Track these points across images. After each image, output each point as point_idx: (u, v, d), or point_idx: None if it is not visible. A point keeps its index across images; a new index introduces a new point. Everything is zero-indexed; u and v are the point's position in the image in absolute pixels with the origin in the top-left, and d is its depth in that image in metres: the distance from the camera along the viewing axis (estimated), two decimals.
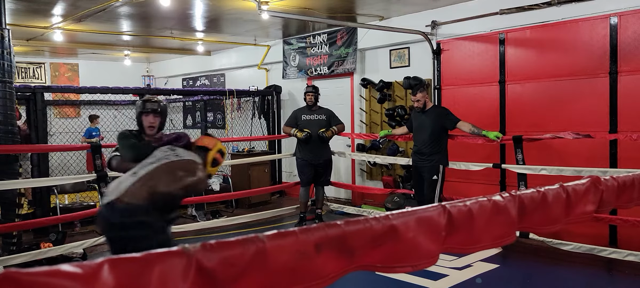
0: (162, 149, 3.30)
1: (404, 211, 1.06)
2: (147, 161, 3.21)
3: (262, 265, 0.82)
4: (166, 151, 3.28)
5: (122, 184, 3.06)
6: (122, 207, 2.98)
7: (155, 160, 3.19)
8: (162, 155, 3.24)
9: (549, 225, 1.34)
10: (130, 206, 2.98)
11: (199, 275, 0.76)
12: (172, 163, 3.20)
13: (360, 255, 0.96)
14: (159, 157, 3.22)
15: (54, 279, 0.68)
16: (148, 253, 0.74)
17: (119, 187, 3.06)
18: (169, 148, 3.32)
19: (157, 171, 3.13)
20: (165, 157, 3.22)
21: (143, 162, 3.20)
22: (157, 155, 3.25)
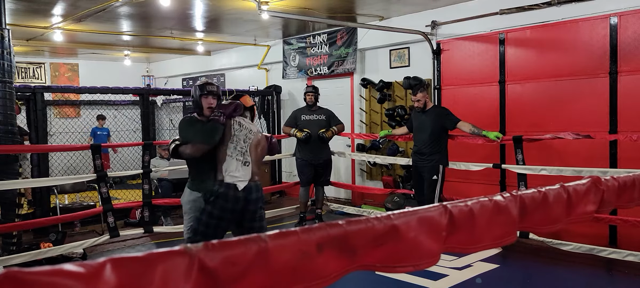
0: (234, 127, 3.76)
1: (405, 211, 1.06)
2: (236, 141, 3.73)
3: (264, 265, 0.82)
4: (239, 128, 3.78)
5: (239, 167, 3.68)
6: (259, 184, 3.76)
7: (243, 139, 3.76)
8: (241, 133, 3.77)
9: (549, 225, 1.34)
10: (260, 184, 3.79)
11: (201, 274, 0.76)
12: (258, 140, 3.86)
13: (361, 254, 0.96)
14: (241, 136, 3.76)
15: (57, 278, 0.68)
16: (150, 252, 0.75)
17: (237, 170, 3.66)
18: (237, 123, 3.79)
19: (258, 152, 3.83)
20: (245, 136, 3.78)
21: (230, 143, 3.71)
22: (238, 134, 3.75)
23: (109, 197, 6.04)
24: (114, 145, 9.66)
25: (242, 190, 3.61)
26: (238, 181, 3.62)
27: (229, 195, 3.59)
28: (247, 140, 3.76)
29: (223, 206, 3.61)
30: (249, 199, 3.65)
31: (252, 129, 3.85)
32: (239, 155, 3.68)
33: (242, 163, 3.67)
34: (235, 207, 3.63)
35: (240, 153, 3.69)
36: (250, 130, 3.83)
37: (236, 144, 3.70)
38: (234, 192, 3.60)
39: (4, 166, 5.45)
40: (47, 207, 6.98)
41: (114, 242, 6.26)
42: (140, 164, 6.57)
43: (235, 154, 3.67)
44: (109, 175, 6.28)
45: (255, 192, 3.70)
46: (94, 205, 7.33)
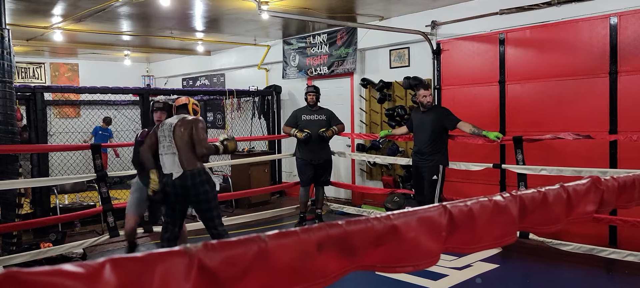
0: (159, 132, 4.71)
1: (405, 211, 1.06)
2: (162, 140, 4.65)
3: (264, 265, 0.82)
4: (161, 130, 4.69)
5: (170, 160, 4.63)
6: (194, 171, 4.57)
7: (168, 137, 4.62)
8: (164, 133, 4.61)
9: (549, 225, 1.34)
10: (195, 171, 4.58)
11: (201, 274, 0.76)
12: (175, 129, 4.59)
13: (361, 254, 0.96)
14: (165, 134, 4.60)
15: (57, 278, 0.68)
16: (150, 252, 0.75)
17: (170, 164, 4.60)
18: (161, 127, 4.74)
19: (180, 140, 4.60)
20: (167, 134, 4.61)
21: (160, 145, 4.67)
22: (162, 134, 4.64)
23: (109, 197, 6.04)
24: (114, 145, 9.68)
25: (178, 178, 4.45)
26: (173, 172, 4.47)
27: (167, 183, 4.49)
28: (169, 136, 4.51)
29: (167, 191, 4.53)
30: (185, 185, 4.45)
31: (172, 123, 4.57)
32: (167, 151, 4.51)
33: (171, 155, 4.49)
34: (176, 192, 4.48)
35: (168, 148, 4.51)
36: (170, 126, 4.55)
37: (162, 142, 4.56)
38: (170, 180, 4.48)
39: (4, 166, 5.45)
40: (47, 207, 6.98)
41: (114, 242, 6.26)
42: None
43: (164, 151, 4.54)
44: (109, 175, 6.28)
45: (190, 179, 4.45)
46: (94, 205, 7.33)
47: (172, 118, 4.65)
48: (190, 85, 12.72)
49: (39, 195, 6.89)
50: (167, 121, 4.64)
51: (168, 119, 4.67)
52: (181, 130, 4.50)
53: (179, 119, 4.57)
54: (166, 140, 4.52)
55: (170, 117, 4.70)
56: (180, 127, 4.51)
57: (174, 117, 4.66)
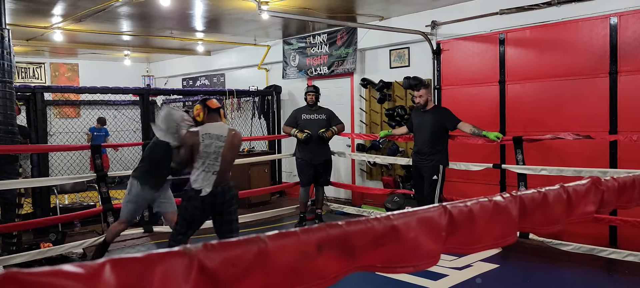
0: (203, 143, 4.25)
1: (405, 211, 1.06)
2: (205, 156, 4.28)
3: (263, 266, 0.82)
4: (209, 143, 4.26)
5: (205, 177, 4.26)
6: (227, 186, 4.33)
7: (214, 152, 4.26)
8: (211, 148, 4.28)
9: (549, 226, 1.34)
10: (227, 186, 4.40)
11: (201, 275, 0.76)
12: (230, 145, 4.32)
13: (361, 255, 0.96)
14: (211, 150, 4.24)
15: (56, 279, 0.68)
16: (150, 253, 0.75)
17: (204, 180, 4.23)
18: (207, 136, 4.27)
19: (229, 158, 4.36)
20: (216, 149, 4.27)
21: (199, 158, 4.32)
22: (207, 150, 4.24)
23: (109, 197, 6.04)
24: (114, 145, 9.66)
25: (208, 195, 4.14)
26: (203, 187, 4.13)
27: (196, 198, 4.16)
28: (217, 153, 4.13)
29: (194, 205, 4.20)
30: (214, 202, 4.19)
31: (221, 135, 4.18)
32: (207, 168, 4.13)
33: (211, 174, 4.14)
34: (204, 208, 4.19)
35: (209, 165, 4.14)
36: (220, 138, 4.17)
37: (205, 159, 4.13)
38: (199, 195, 4.14)
39: (4, 166, 5.45)
40: (47, 207, 6.98)
41: (114, 242, 6.25)
42: None
43: (203, 168, 4.14)
44: (109, 175, 6.28)
45: (221, 196, 4.21)
46: (94, 205, 7.33)
47: (218, 128, 4.22)
48: (190, 85, 12.72)
49: (39, 195, 6.89)
50: (211, 131, 4.18)
51: (210, 129, 4.19)
52: (232, 151, 4.26)
53: (229, 136, 4.21)
54: (210, 156, 4.14)
55: (209, 124, 4.23)
56: (230, 145, 4.23)
57: (218, 126, 4.23)
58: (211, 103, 4.29)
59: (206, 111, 4.26)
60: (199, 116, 4.28)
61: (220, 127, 4.21)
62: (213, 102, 4.30)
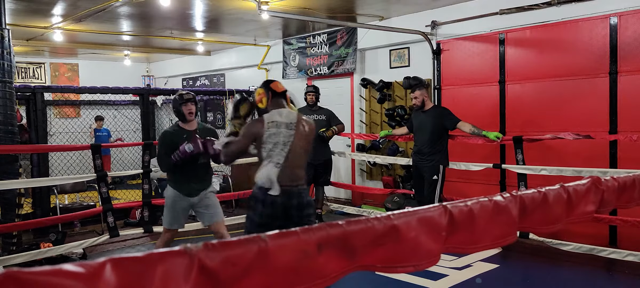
0: (268, 130, 3.46)
1: (405, 211, 1.06)
2: (272, 146, 3.43)
3: (264, 265, 0.82)
4: (275, 131, 3.46)
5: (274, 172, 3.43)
6: (301, 190, 3.56)
7: (282, 142, 3.44)
8: (279, 137, 3.46)
9: (549, 225, 1.34)
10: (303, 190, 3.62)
11: (201, 274, 0.76)
12: (303, 134, 3.56)
13: (361, 255, 0.96)
14: (279, 139, 3.44)
15: (57, 278, 0.68)
16: (150, 252, 0.75)
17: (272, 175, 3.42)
18: (273, 124, 3.47)
19: (301, 150, 3.56)
20: (284, 138, 3.46)
21: (263, 150, 3.48)
22: (274, 139, 3.45)
23: (109, 197, 6.04)
24: (114, 145, 9.67)
25: (281, 195, 3.36)
26: (273, 186, 3.35)
27: (266, 201, 3.39)
28: (286, 144, 3.40)
29: (262, 212, 3.42)
30: (288, 205, 3.40)
31: (290, 123, 3.43)
32: (275, 162, 3.38)
33: (279, 168, 3.39)
34: (275, 212, 3.39)
35: (277, 159, 3.39)
36: (289, 126, 3.42)
37: (271, 152, 3.39)
38: (269, 194, 3.36)
39: (4, 166, 5.45)
40: (47, 207, 6.98)
41: (114, 242, 6.25)
42: (140, 164, 6.57)
43: (270, 162, 3.39)
44: (109, 175, 6.28)
45: (297, 197, 3.45)
46: (94, 205, 7.33)
47: (286, 115, 3.48)
48: (191, 85, 12.72)
49: (39, 195, 6.89)
50: (278, 119, 3.43)
51: (277, 116, 3.45)
52: (304, 141, 3.53)
53: (300, 123, 3.50)
54: (277, 148, 3.41)
55: (275, 111, 3.47)
56: (302, 134, 3.50)
57: (286, 113, 3.49)
58: (276, 86, 3.58)
59: (270, 95, 3.54)
60: (262, 102, 3.56)
61: (288, 114, 3.47)
62: (278, 85, 3.59)
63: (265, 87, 3.58)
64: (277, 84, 3.61)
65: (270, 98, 3.53)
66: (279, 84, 3.62)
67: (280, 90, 3.57)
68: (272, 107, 3.50)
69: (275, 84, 3.60)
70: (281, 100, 3.54)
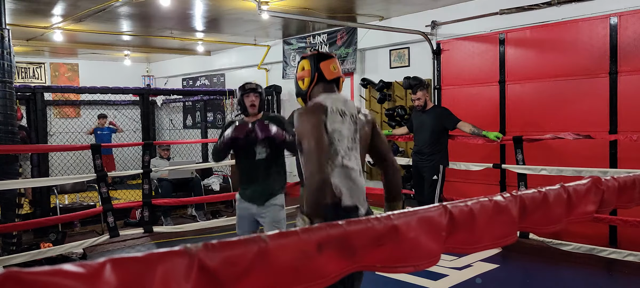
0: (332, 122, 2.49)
1: (405, 211, 1.06)
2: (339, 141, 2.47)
3: (264, 265, 0.82)
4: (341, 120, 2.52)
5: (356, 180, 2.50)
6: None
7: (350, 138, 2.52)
8: (346, 128, 2.52)
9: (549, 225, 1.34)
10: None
11: (201, 274, 0.76)
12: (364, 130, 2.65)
13: (361, 255, 0.97)
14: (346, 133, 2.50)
15: (57, 278, 0.68)
16: (150, 253, 0.75)
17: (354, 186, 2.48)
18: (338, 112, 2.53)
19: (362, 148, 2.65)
20: (352, 131, 2.54)
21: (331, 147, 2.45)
22: (341, 130, 2.49)
23: (109, 197, 6.04)
24: (114, 145, 9.65)
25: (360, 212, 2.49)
26: (357, 201, 2.46)
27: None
28: (356, 138, 2.52)
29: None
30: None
31: (352, 112, 2.54)
32: (347, 165, 2.45)
33: (357, 174, 2.50)
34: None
35: (348, 161, 2.46)
36: (353, 117, 2.53)
37: (338, 150, 2.43)
38: (352, 215, 2.38)
39: (4, 166, 5.45)
40: (47, 207, 6.98)
41: (114, 242, 6.25)
42: (140, 164, 6.57)
43: (340, 165, 2.44)
44: (109, 175, 6.28)
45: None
46: (94, 205, 7.33)
47: (343, 101, 2.54)
48: (190, 85, 12.73)
49: (39, 195, 6.89)
50: (338, 106, 2.50)
51: (336, 102, 2.51)
52: (366, 140, 2.62)
53: (359, 114, 2.59)
54: (343, 145, 2.47)
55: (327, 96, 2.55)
56: (364, 130, 2.61)
57: (342, 99, 2.56)
58: (327, 67, 2.59)
59: (316, 76, 2.60)
60: (304, 82, 2.64)
61: (345, 100, 2.56)
62: (331, 65, 2.61)
63: (311, 59, 2.62)
64: (330, 64, 2.60)
65: (315, 80, 2.59)
66: (333, 63, 2.62)
67: (332, 76, 2.60)
68: (322, 91, 2.58)
69: (328, 63, 2.60)
70: (333, 86, 2.62)
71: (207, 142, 10.08)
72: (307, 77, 2.62)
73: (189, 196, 7.80)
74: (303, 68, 2.64)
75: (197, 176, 8.18)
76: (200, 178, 8.43)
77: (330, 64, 2.61)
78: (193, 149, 10.83)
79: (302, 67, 2.65)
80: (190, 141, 11.06)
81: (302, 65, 2.66)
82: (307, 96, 2.64)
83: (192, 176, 8.00)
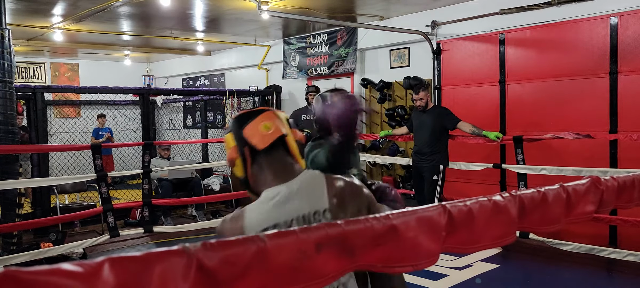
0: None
1: (404, 211, 1.06)
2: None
3: (262, 265, 0.82)
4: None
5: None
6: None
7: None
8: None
9: (549, 225, 1.34)
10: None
11: (200, 274, 0.76)
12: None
13: (360, 254, 0.96)
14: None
15: (55, 278, 0.68)
16: (149, 252, 0.75)
17: None
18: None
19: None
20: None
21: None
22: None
23: (109, 197, 6.04)
24: (114, 145, 9.67)
25: None
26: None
27: None
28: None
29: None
30: None
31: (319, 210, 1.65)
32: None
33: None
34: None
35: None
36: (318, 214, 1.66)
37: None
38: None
39: (4, 166, 5.45)
40: (47, 207, 6.99)
41: (114, 242, 6.26)
42: (140, 164, 6.57)
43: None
44: (109, 175, 6.28)
45: None
46: (94, 205, 7.33)
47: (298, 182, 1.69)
48: (191, 85, 12.73)
49: (39, 195, 6.89)
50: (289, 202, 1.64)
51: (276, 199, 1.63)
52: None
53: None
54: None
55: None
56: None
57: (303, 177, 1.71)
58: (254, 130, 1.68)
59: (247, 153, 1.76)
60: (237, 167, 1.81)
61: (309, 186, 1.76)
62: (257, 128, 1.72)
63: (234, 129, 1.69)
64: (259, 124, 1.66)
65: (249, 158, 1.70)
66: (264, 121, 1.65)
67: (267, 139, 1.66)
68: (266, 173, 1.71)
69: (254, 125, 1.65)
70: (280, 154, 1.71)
71: (207, 142, 10.09)
72: (236, 157, 1.66)
73: (189, 196, 7.80)
74: (228, 146, 1.70)
75: (197, 176, 8.18)
76: (200, 178, 8.43)
77: (258, 125, 1.62)
78: (193, 149, 10.83)
79: (227, 146, 1.70)
80: (190, 141, 11.06)
81: (227, 144, 1.70)
82: (250, 188, 1.71)
83: (192, 176, 8.00)
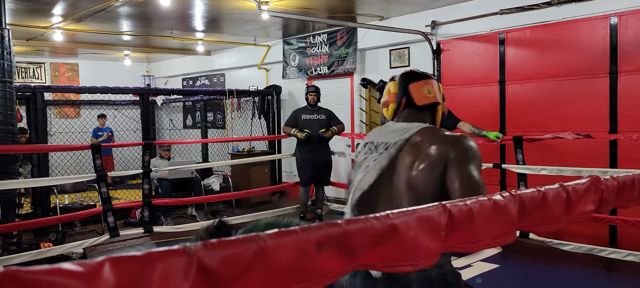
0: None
1: (404, 210, 1.06)
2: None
3: (263, 264, 0.82)
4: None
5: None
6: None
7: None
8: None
9: (549, 225, 1.34)
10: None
11: (200, 273, 0.76)
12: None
13: (361, 254, 0.96)
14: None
15: (55, 277, 0.68)
16: (149, 252, 0.74)
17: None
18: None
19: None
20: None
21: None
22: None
23: (109, 197, 6.04)
24: (114, 145, 9.67)
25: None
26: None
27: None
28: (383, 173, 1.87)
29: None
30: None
31: (390, 142, 1.89)
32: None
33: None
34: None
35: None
36: (389, 145, 1.88)
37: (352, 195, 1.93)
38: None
39: (4, 166, 5.45)
40: (47, 207, 6.99)
41: (114, 242, 6.26)
42: (140, 164, 6.57)
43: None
44: (109, 175, 6.28)
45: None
46: (94, 205, 7.33)
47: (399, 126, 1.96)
48: (190, 85, 12.73)
49: (39, 195, 6.89)
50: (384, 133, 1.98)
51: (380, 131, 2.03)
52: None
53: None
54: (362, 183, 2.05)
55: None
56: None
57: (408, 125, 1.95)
58: (418, 89, 2.01)
59: (403, 102, 2.02)
60: (388, 108, 2.09)
61: (400, 129, 1.94)
62: (422, 89, 2.02)
63: (400, 82, 2.05)
64: (424, 86, 2.03)
65: (403, 106, 2.04)
66: (428, 85, 2.03)
67: (425, 100, 2.03)
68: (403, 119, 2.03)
69: (420, 85, 2.03)
70: (424, 114, 2.05)
71: (207, 142, 10.10)
72: (392, 102, 2.02)
73: (189, 196, 7.80)
74: (389, 91, 2.06)
75: (197, 176, 8.18)
76: (200, 178, 8.43)
77: (423, 86, 2.00)
78: (193, 149, 10.83)
79: (388, 91, 2.06)
80: (190, 141, 11.06)
81: (387, 89, 2.07)
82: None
83: (192, 176, 8.00)
